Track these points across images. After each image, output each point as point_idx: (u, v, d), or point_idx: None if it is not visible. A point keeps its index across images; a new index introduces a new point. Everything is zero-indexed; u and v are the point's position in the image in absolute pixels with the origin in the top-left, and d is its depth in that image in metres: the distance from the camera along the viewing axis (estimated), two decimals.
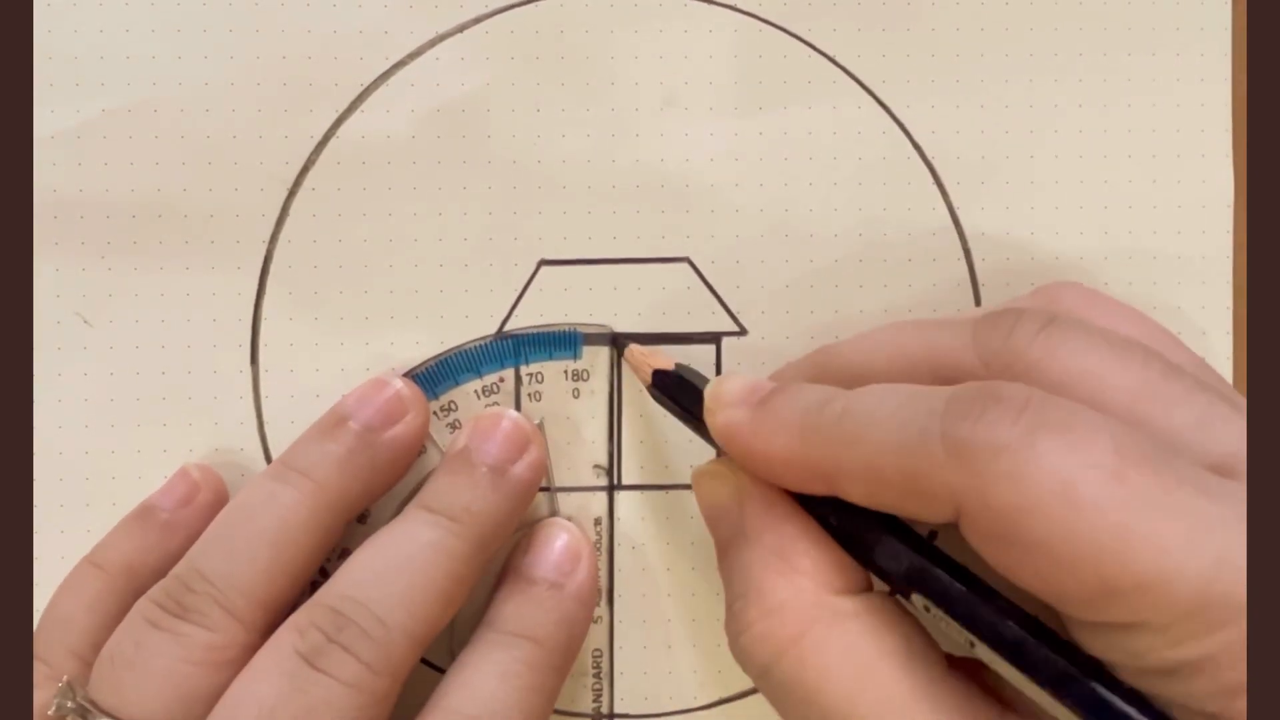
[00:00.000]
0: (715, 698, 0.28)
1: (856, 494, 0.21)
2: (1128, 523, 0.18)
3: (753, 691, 0.28)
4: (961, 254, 0.28)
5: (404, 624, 0.24)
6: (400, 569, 0.24)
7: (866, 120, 0.28)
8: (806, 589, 0.22)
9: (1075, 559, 0.18)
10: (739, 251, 0.28)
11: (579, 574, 0.26)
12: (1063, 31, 0.28)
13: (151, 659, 0.24)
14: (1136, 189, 0.28)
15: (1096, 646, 0.19)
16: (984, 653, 0.20)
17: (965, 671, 0.22)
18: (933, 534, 0.24)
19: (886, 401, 0.21)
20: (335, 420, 0.26)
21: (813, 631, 0.21)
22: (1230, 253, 0.28)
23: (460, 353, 0.28)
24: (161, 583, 0.25)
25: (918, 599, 0.21)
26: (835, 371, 0.24)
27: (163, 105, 0.28)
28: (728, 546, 0.24)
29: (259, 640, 0.24)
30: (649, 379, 0.26)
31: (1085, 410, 0.19)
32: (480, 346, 0.28)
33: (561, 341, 0.28)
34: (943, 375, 0.22)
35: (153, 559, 0.26)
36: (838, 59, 0.28)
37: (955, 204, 0.28)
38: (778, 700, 0.22)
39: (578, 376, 0.28)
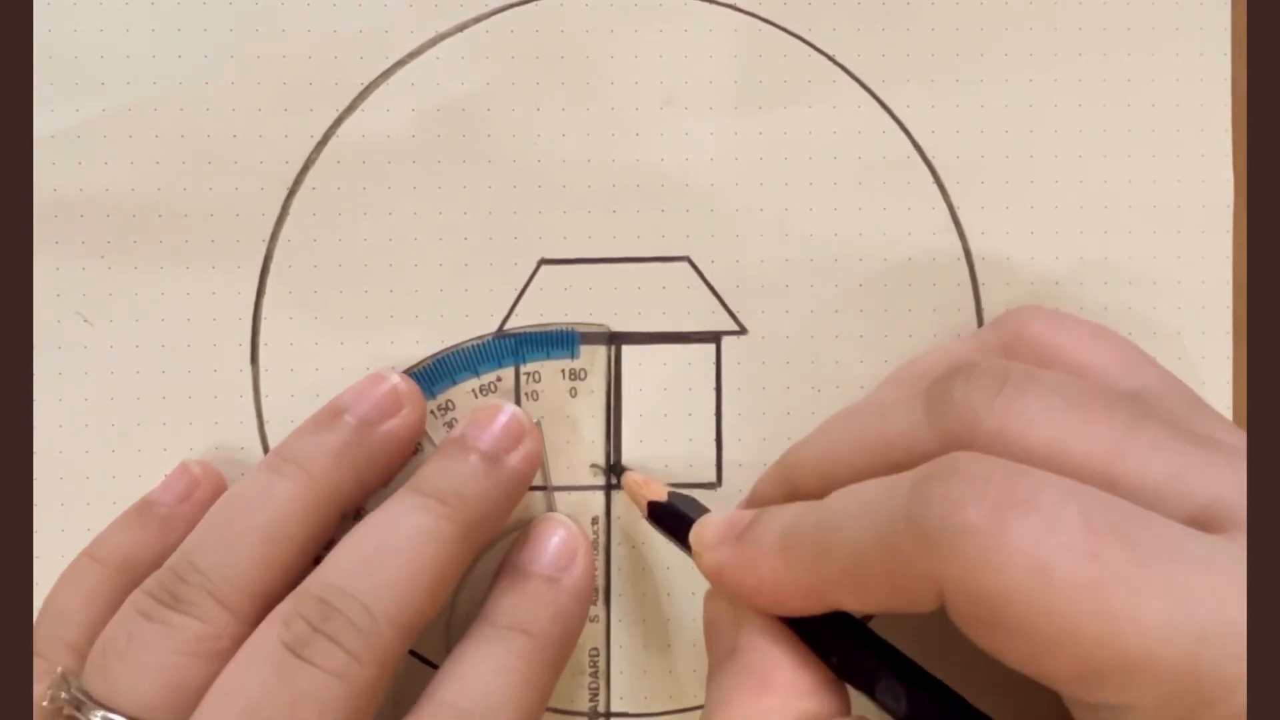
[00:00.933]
0: None
1: (849, 601, 0.21)
2: (1105, 604, 0.18)
3: None
4: (961, 253, 0.28)
5: (391, 612, 0.24)
6: (388, 556, 0.24)
7: (866, 120, 0.28)
8: (772, 709, 0.22)
9: (1056, 642, 0.18)
10: (739, 251, 0.28)
11: (575, 569, 0.26)
12: (1062, 31, 0.28)
13: (143, 650, 0.24)
14: (1136, 189, 0.28)
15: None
16: None
17: None
18: None
19: (851, 503, 0.21)
20: (331, 413, 0.26)
21: None
22: (1230, 253, 0.28)
23: (458, 351, 0.28)
24: (155, 574, 0.25)
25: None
26: (802, 476, 0.24)
27: (163, 104, 0.28)
28: (716, 666, 0.23)
29: (251, 631, 0.24)
30: (645, 511, 0.26)
31: (1051, 481, 0.19)
32: (478, 345, 0.28)
33: (559, 341, 0.28)
34: (902, 462, 0.21)
35: (150, 553, 0.26)
36: (837, 58, 0.28)
37: (955, 203, 0.28)
38: None
39: (575, 376, 0.28)
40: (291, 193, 0.28)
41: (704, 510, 0.25)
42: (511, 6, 0.28)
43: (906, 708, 0.21)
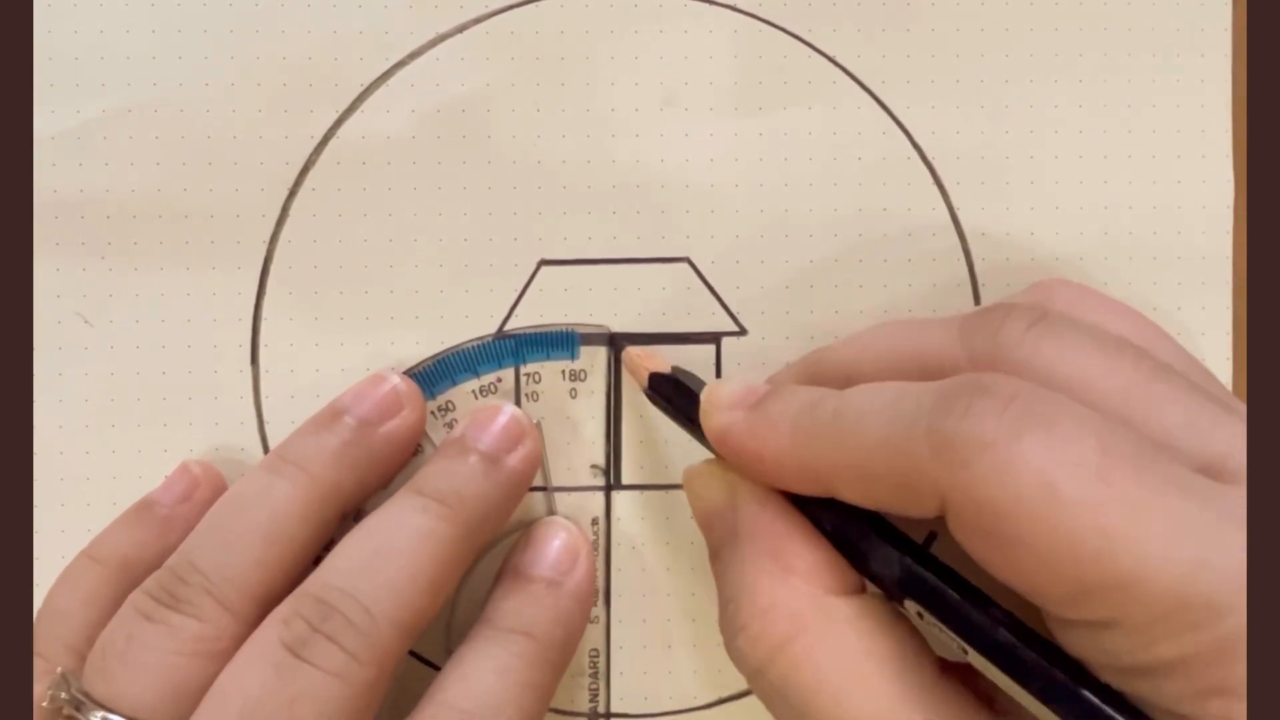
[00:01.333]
0: (715, 697, 0.28)
1: (849, 493, 0.21)
2: (1107, 522, 0.18)
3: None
4: (961, 254, 0.28)
5: (390, 613, 0.24)
6: (387, 556, 0.24)
7: (866, 121, 0.28)
8: (800, 590, 0.22)
9: (1053, 556, 0.18)
10: (739, 251, 0.28)
11: (576, 572, 0.26)
12: (1063, 32, 0.28)
13: (143, 651, 0.24)
14: (1137, 189, 0.28)
15: (1075, 645, 0.19)
16: (976, 659, 0.20)
17: (958, 677, 0.22)
18: (932, 536, 0.24)
19: (875, 399, 0.21)
20: (331, 414, 0.26)
21: (806, 633, 0.21)
22: (1230, 253, 0.28)
23: (458, 353, 0.28)
24: (155, 574, 0.25)
25: (911, 605, 0.21)
26: (827, 373, 0.24)
27: (163, 105, 0.28)
28: (720, 547, 0.24)
29: (250, 632, 0.24)
30: (645, 382, 0.26)
31: (1073, 405, 0.19)
32: (478, 346, 0.28)
33: (559, 342, 0.28)
34: (931, 373, 0.22)
35: (150, 554, 0.26)
36: (838, 59, 0.28)
37: (955, 204, 0.28)
38: (771, 702, 0.22)
39: (575, 377, 0.28)
40: (291, 194, 0.28)
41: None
42: (512, 7, 0.28)
43: (899, 573, 0.21)
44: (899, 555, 0.21)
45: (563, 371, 0.28)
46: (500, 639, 0.25)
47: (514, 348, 0.28)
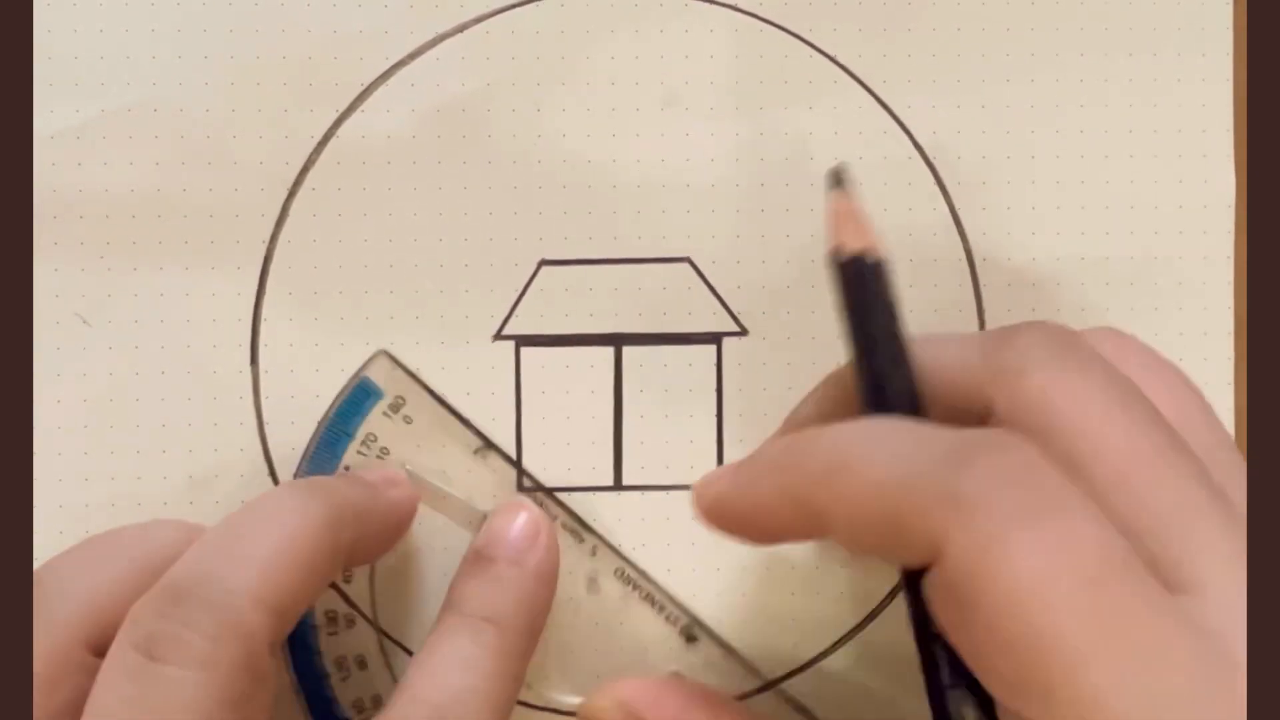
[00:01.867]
0: None
1: (838, 523, 0.20)
2: (1086, 637, 0.17)
3: (754, 693, 0.28)
4: (963, 254, 0.28)
5: (253, 589, 0.22)
6: (248, 535, 0.23)
7: (867, 120, 0.28)
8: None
9: (1021, 648, 0.18)
10: (740, 251, 0.28)
11: (537, 550, 0.26)
12: (1064, 31, 0.28)
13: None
14: (1138, 189, 0.28)
15: None
16: None
17: None
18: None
19: (886, 428, 0.20)
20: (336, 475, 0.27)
21: None
22: (1231, 253, 0.28)
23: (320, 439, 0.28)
24: (150, 593, 0.22)
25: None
26: (848, 397, 0.23)
27: (162, 105, 0.28)
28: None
29: (85, 656, 0.23)
30: (840, 254, 0.23)
31: (1084, 500, 0.19)
32: (320, 438, 0.28)
33: (359, 397, 0.28)
34: (950, 388, 0.21)
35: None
36: (839, 59, 0.28)
37: (956, 204, 0.28)
38: None
39: (396, 409, 0.28)
40: (291, 193, 0.28)
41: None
42: (512, 7, 0.28)
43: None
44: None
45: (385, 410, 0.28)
46: (466, 628, 0.25)
47: (332, 433, 0.28)
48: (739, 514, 0.22)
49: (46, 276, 0.28)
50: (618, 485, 0.28)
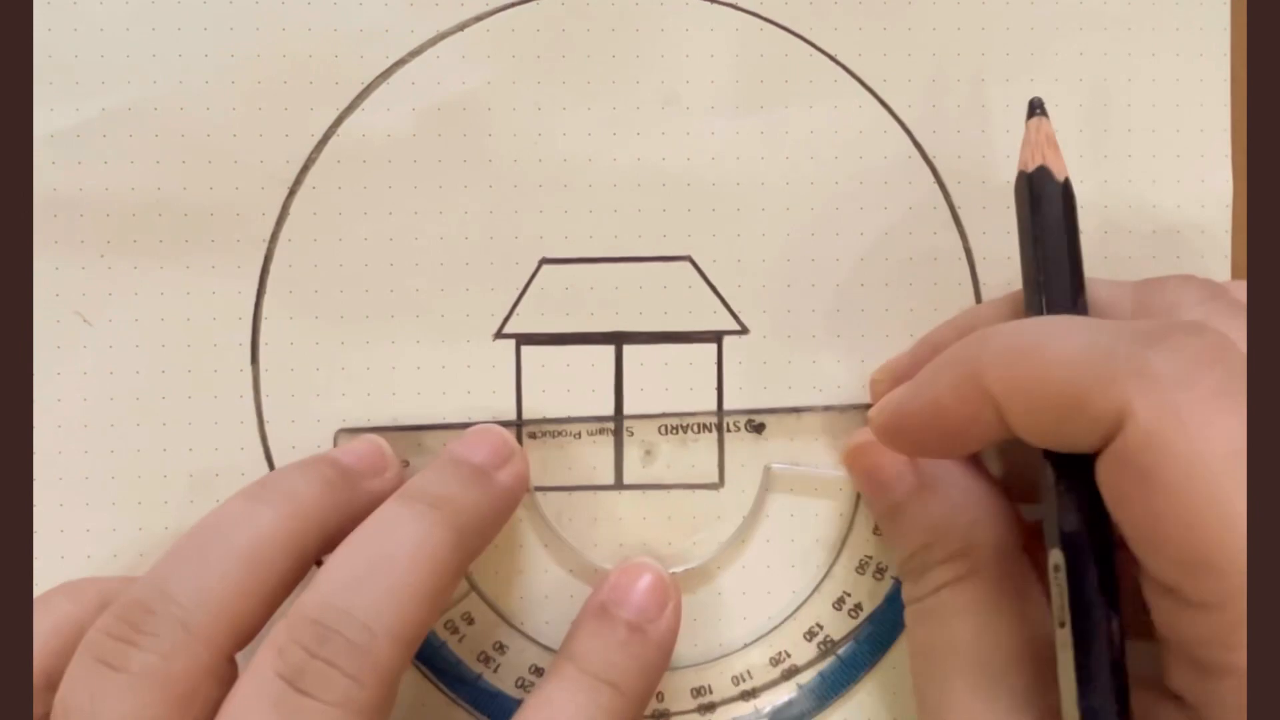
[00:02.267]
0: (718, 697, 0.28)
1: (1016, 409, 0.21)
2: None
3: (733, 700, 0.28)
4: (963, 253, 0.28)
5: (391, 627, 0.22)
6: (384, 566, 0.23)
7: (868, 119, 0.28)
8: (987, 532, 0.24)
9: (1201, 518, 0.18)
10: (740, 250, 0.28)
11: (664, 621, 0.26)
12: (1063, 31, 0.28)
13: (111, 714, 0.22)
14: (1136, 189, 0.28)
15: (1165, 620, 0.20)
16: (1062, 638, 0.21)
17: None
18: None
19: (1064, 324, 0.21)
20: (319, 459, 0.26)
21: (977, 574, 0.24)
22: (1229, 252, 0.28)
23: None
24: (113, 607, 0.23)
25: (1056, 556, 0.22)
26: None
27: (163, 104, 0.28)
28: (904, 503, 0.25)
29: (226, 667, 0.23)
30: (1031, 163, 0.25)
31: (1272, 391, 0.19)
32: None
33: None
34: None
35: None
36: (839, 58, 0.28)
37: (956, 203, 0.28)
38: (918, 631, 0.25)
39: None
40: (292, 192, 0.28)
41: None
42: (513, 5, 0.28)
43: (1074, 526, 0.22)
44: (1083, 516, 0.21)
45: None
46: (587, 686, 0.24)
47: None
48: (916, 418, 0.23)
49: (47, 275, 0.28)
50: (618, 485, 0.28)
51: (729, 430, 0.28)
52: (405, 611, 0.23)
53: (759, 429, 0.28)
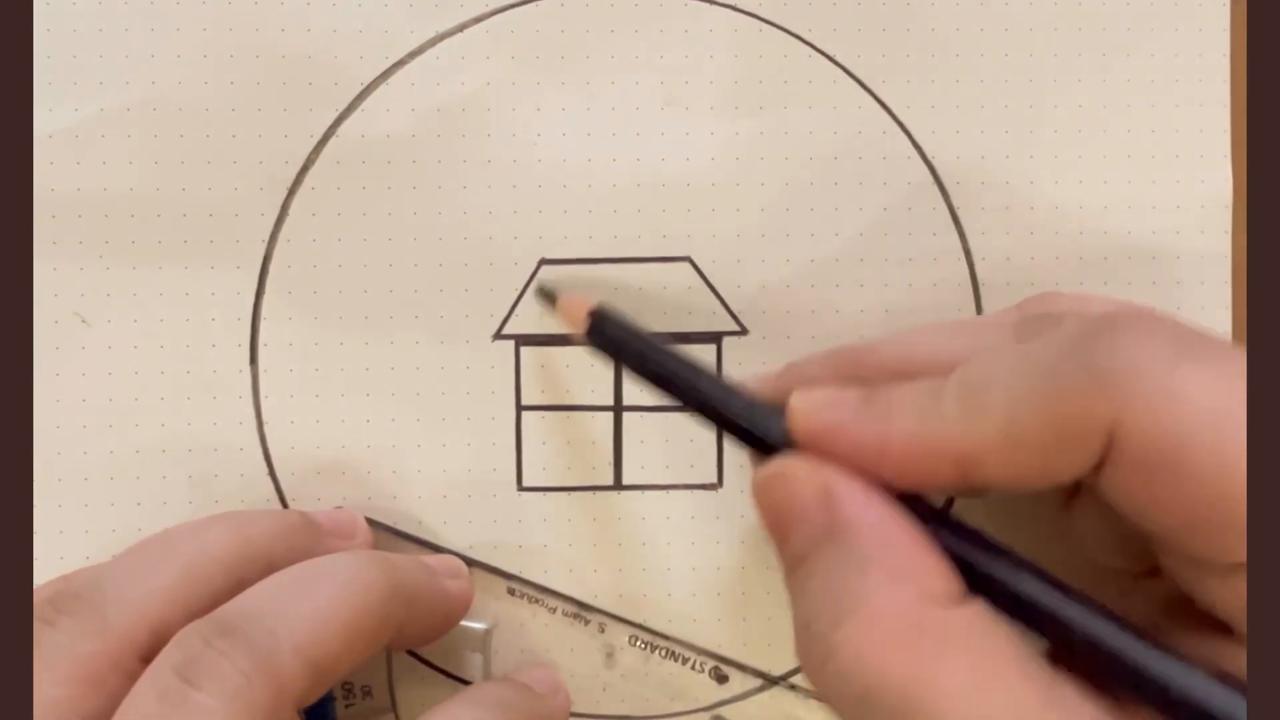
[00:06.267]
0: (717, 699, 0.28)
1: (995, 465, 0.20)
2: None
3: (767, 686, 0.28)
4: (962, 254, 0.28)
5: (299, 642, 0.21)
6: (306, 586, 0.23)
7: (867, 120, 0.28)
8: (912, 598, 0.19)
9: (1229, 483, 0.18)
10: (740, 251, 0.28)
11: (560, 697, 0.27)
12: (1062, 32, 0.28)
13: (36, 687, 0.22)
14: (1135, 189, 0.28)
15: (1228, 594, 0.19)
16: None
17: (1066, 666, 0.20)
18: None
19: (1003, 361, 0.20)
20: (293, 512, 0.27)
21: (926, 645, 0.19)
22: (1229, 253, 0.28)
23: None
24: (44, 591, 0.24)
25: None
26: (870, 369, 0.23)
27: (162, 104, 0.28)
28: (808, 554, 0.21)
29: (137, 666, 0.22)
30: (583, 325, 0.25)
31: (1214, 337, 0.19)
32: None
33: None
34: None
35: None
36: (838, 59, 0.28)
37: (955, 203, 0.28)
38: None
39: None
40: (291, 193, 0.28)
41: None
42: (512, 6, 0.28)
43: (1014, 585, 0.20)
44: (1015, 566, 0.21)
45: None
46: (470, 709, 0.24)
47: None
48: (861, 446, 0.21)
49: (45, 275, 0.28)
50: (618, 485, 0.28)
51: None
52: (319, 632, 0.22)
53: None
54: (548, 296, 0.26)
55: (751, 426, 0.23)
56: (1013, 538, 0.21)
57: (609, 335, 0.25)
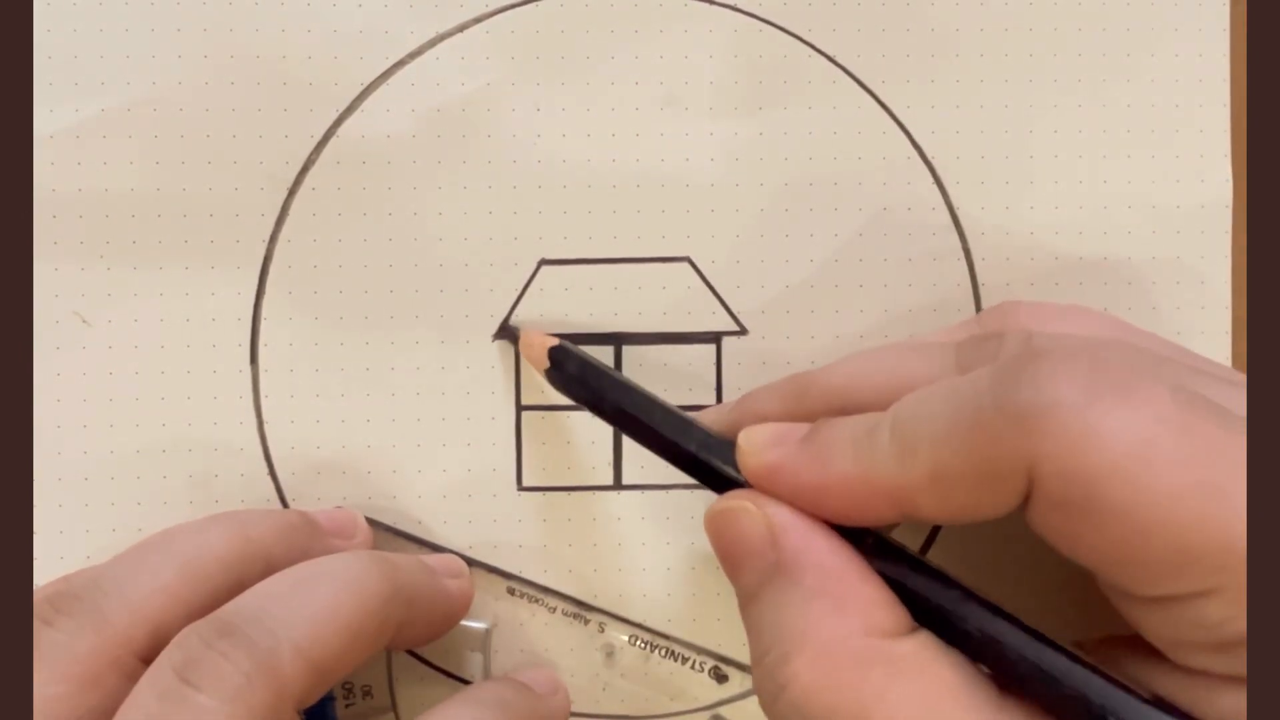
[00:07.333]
0: (715, 699, 0.28)
1: (928, 505, 0.20)
2: (1207, 477, 0.17)
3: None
4: (961, 254, 0.28)
5: (299, 642, 0.22)
6: (306, 587, 0.23)
7: (866, 120, 0.28)
8: (857, 631, 0.20)
9: (1153, 521, 0.17)
10: (739, 251, 0.28)
11: (560, 697, 0.27)
12: (1062, 32, 0.28)
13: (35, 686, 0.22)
14: (1135, 189, 0.28)
15: (1161, 627, 0.19)
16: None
17: (1015, 693, 0.21)
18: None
19: (930, 402, 0.20)
20: (293, 510, 0.27)
21: (873, 678, 0.19)
22: (1229, 252, 0.28)
23: None
24: (46, 591, 0.24)
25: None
26: (814, 401, 0.23)
27: (162, 104, 0.28)
28: (759, 590, 0.21)
29: (135, 665, 0.23)
30: (544, 362, 0.26)
31: (1136, 354, 0.19)
32: None
33: None
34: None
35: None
36: (838, 59, 0.28)
37: (955, 204, 0.28)
38: None
39: None
40: (291, 193, 0.28)
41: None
42: (512, 7, 0.28)
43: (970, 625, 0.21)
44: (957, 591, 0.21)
45: None
46: (471, 707, 0.25)
47: None
48: (801, 485, 0.21)
49: (46, 276, 0.28)
50: (618, 485, 0.28)
51: None
52: (319, 632, 0.22)
53: None
54: (509, 335, 0.28)
55: (708, 463, 0.23)
56: (996, 532, 0.22)
57: (569, 373, 0.26)
